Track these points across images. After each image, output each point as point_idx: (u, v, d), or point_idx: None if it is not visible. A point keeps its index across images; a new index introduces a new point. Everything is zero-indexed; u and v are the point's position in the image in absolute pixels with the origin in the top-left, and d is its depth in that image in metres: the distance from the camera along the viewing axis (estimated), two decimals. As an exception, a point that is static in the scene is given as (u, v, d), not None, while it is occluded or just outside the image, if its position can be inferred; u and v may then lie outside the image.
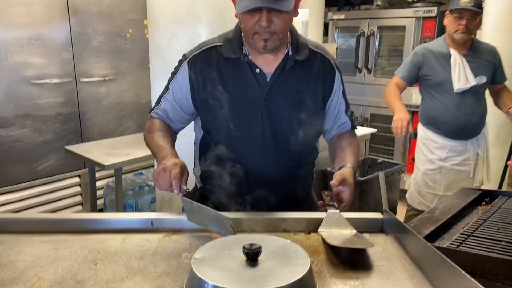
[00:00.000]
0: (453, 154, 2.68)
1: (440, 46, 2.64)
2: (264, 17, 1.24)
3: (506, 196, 1.67)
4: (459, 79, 2.54)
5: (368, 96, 4.52)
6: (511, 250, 1.19)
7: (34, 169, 3.43)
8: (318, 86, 1.43)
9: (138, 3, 3.83)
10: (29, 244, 1.13)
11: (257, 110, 1.38)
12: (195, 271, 0.84)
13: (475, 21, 2.51)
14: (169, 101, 1.47)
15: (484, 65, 2.61)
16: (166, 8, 2.13)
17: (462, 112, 2.60)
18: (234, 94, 1.38)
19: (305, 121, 1.42)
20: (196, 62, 1.41)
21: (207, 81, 1.39)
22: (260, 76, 1.38)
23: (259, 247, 0.88)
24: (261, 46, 1.31)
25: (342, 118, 1.53)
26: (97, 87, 3.72)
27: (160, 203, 2.45)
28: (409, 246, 1.11)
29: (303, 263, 0.88)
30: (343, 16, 4.70)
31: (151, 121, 1.49)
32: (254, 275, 0.85)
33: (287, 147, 1.42)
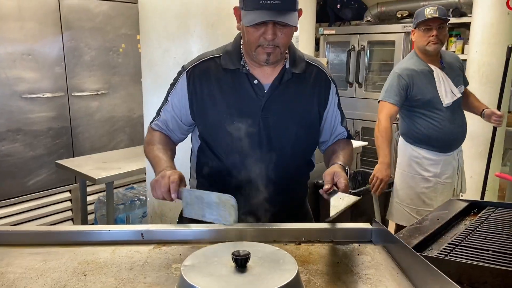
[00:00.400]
0: (445, 168, 2.67)
1: (419, 64, 2.60)
2: (269, 30, 1.29)
3: (493, 207, 1.69)
4: (446, 94, 2.55)
5: (360, 110, 4.58)
6: (498, 259, 1.21)
7: (25, 184, 3.41)
8: (314, 98, 1.48)
9: (131, 19, 3.87)
10: (19, 256, 1.13)
11: (254, 120, 1.40)
12: (185, 277, 0.86)
13: (444, 31, 2.54)
14: (168, 112, 1.50)
15: (458, 74, 2.66)
16: (158, 23, 2.16)
17: (456, 125, 2.62)
18: (232, 104, 1.41)
19: (301, 132, 1.46)
20: (194, 73, 1.44)
21: (205, 91, 1.42)
22: (258, 87, 1.41)
23: (248, 253, 0.90)
24: (263, 59, 1.35)
25: (338, 129, 1.57)
26: (89, 101, 3.73)
27: (152, 217, 2.44)
28: (398, 255, 1.13)
29: (290, 268, 0.90)
30: (334, 32, 4.78)
31: (152, 133, 1.52)
32: (243, 280, 0.86)
33: (283, 158, 1.44)
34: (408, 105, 2.63)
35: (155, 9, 2.16)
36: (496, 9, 3.61)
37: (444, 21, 2.52)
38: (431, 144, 2.64)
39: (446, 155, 2.66)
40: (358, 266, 1.08)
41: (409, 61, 2.67)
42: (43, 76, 3.43)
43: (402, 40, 4.20)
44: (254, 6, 1.26)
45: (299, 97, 1.45)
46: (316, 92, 1.48)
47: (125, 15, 3.87)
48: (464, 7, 4.26)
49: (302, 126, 1.45)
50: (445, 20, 2.53)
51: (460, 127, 2.65)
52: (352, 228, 1.28)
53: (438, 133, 2.60)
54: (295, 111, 1.44)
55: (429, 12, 2.49)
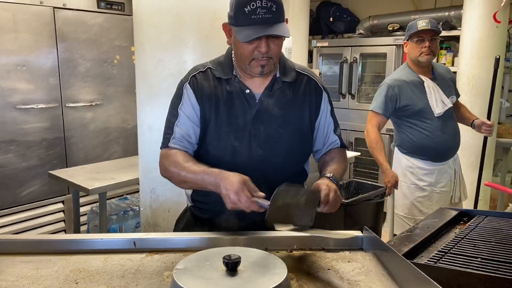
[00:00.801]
0: (440, 177, 2.70)
1: (410, 75, 2.65)
2: (263, 43, 1.31)
3: (483, 215, 1.72)
4: (437, 104, 2.60)
5: (352, 121, 4.62)
6: (487, 266, 1.23)
7: (18, 195, 3.39)
8: (305, 106, 1.49)
9: (126, 31, 3.90)
10: (11, 264, 1.13)
11: (245, 129, 1.42)
12: (177, 280, 0.87)
13: (436, 43, 2.60)
14: (184, 125, 1.44)
15: (449, 84, 2.71)
16: (152, 34, 2.18)
17: (449, 134, 2.65)
18: (226, 113, 1.42)
19: (293, 140, 1.47)
20: (195, 82, 1.45)
21: (206, 98, 1.44)
22: (250, 96, 1.43)
23: (238, 257, 0.92)
24: (258, 72, 1.37)
25: (331, 137, 1.58)
26: (83, 112, 3.74)
27: (145, 227, 2.44)
28: (388, 262, 1.14)
29: (280, 272, 0.92)
30: (327, 44, 4.84)
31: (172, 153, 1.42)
32: (233, 283, 0.88)
33: (276, 166, 1.45)
34: (400, 115, 2.68)
35: (149, 21, 2.19)
36: (484, 23, 3.69)
37: (436, 33, 2.58)
38: (424, 153, 2.67)
39: (440, 165, 2.68)
40: (348, 273, 1.10)
41: (401, 72, 2.73)
42: (37, 87, 3.44)
43: (393, 53, 4.26)
44: (247, 22, 1.28)
45: (290, 105, 1.46)
46: (307, 100, 1.49)
47: (120, 27, 3.91)
48: (454, 21, 4.35)
49: (293, 134, 1.46)
50: (437, 32, 2.58)
51: (453, 136, 2.68)
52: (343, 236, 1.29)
53: (430, 142, 2.64)
54: (286, 120, 1.45)
55: (421, 24, 2.55)
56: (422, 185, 2.71)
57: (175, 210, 2.17)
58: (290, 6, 4.85)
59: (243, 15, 1.29)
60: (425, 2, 5.05)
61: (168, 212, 2.28)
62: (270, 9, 1.28)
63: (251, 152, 1.42)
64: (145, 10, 2.20)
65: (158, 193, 2.29)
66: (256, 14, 1.27)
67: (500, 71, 3.88)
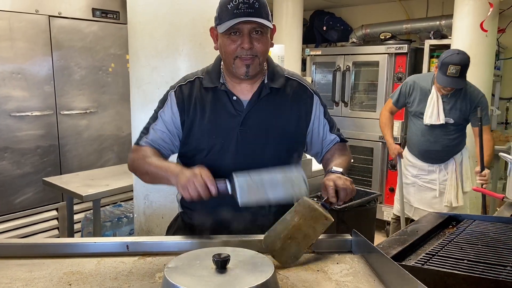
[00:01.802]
0: (422, 173, 3.10)
1: (426, 82, 2.97)
2: (246, 38, 1.34)
3: (470, 219, 1.75)
4: (431, 115, 2.89)
5: (346, 128, 4.66)
6: (473, 268, 1.25)
7: (11, 202, 3.39)
8: (294, 112, 1.50)
9: (121, 39, 3.94)
10: (5, 267, 1.15)
11: (232, 135, 1.43)
12: (168, 278, 0.91)
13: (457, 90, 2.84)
14: (159, 130, 1.48)
15: (457, 108, 2.89)
16: (147, 42, 2.22)
17: (425, 139, 2.98)
18: (212, 120, 1.44)
19: (281, 146, 1.48)
20: (181, 91, 1.49)
21: (191, 110, 1.46)
22: (237, 103, 1.45)
23: (228, 255, 0.95)
24: (243, 72, 1.39)
25: (329, 137, 1.59)
26: (77, 120, 3.76)
27: (139, 234, 2.45)
28: (375, 264, 1.17)
29: (267, 270, 0.95)
30: (320, 52, 4.89)
31: (142, 149, 1.48)
32: (222, 280, 0.92)
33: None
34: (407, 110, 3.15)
35: (144, 28, 2.22)
36: (474, 32, 3.75)
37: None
38: (411, 147, 3.16)
39: (423, 163, 3.08)
40: (336, 274, 1.12)
41: (423, 76, 3.17)
42: (32, 95, 3.45)
43: (385, 61, 4.32)
44: (229, 17, 1.33)
45: (278, 111, 1.48)
46: (297, 106, 1.50)
47: (114, 35, 3.94)
48: (445, 29, 4.42)
49: (282, 140, 1.47)
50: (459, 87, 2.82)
51: (431, 143, 2.99)
52: (333, 239, 1.32)
53: (417, 142, 3.07)
54: (274, 126, 1.46)
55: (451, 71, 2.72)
56: (406, 173, 3.20)
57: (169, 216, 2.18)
58: (283, 14, 4.92)
59: (226, 11, 1.33)
60: (417, 12, 5.14)
61: (162, 218, 2.30)
62: (253, 5, 1.32)
63: (237, 159, 1.43)
64: (140, 18, 2.23)
65: (152, 200, 2.31)
66: (238, 9, 1.32)
67: (490, 79, 3.95)
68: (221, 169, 1.43)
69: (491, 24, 3.75)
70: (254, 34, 1.35)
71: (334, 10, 5.80)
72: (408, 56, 4.21)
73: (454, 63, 2.70)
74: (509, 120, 4.96)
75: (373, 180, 4.54)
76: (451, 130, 2.95)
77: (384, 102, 4.33)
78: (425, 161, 3.07)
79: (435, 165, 3.04)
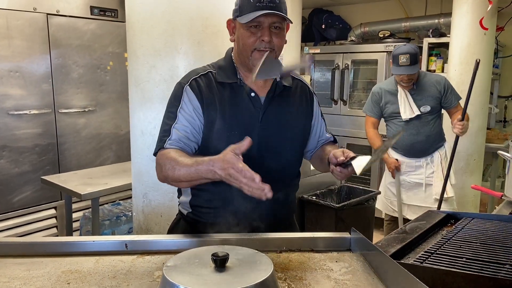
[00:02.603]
0: (409, 169, 3.21)
1: (390, 85, 3.19)
2: (266, 31, 1.37)
3: (469, 217, 1.75)
4: (405, 111, 3.08)
5: (344, 126, 4.66)
6: (471, 266, 1.25)
7: (10, 201, 3.39)
8: (301, 110, 1.56)
9: (119, 37, 3.93)
10: (3, 266, 1.14)
11: (254, 132, 1.42)
12: (166, 276, 0.91)
13: (414, 74, 2.99)
14: (182, 128, 1.41)
15: (427, 95, 3.08)
16: (145, 40, 2.21)
17: (408, 133, 3.12)
18: (232, 117, 1.43)
19: (294, 142, 1.54)
20: (197, 84, 1.44)
21: (209, 101, 1.42)
22: (255, 99, 1.46)
23: (226, 254, 0.96)
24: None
25: (324, 136, 1.66)
26: (76, 118, 3.75)
27: (137, 233, 2.45)
28: (374, 262, 1.17)
29: (266, 268, 0.95)
30: (319, 51, 4.89)
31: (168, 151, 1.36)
32: (221, 278, 0.92)
33: (279, 166, 1.48)
34: (384, 114, 3.25)
35: (142, 27, 2.21)
36: (472, 30, 3.76)
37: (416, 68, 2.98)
38: (395, 146, 3.24)
39: (410, 159, 3.19)
40: (335, 272, 1.12)
41: (385, 81, 3.34)
42: (30, 93, 3.44)
43: (384, 59, 4.32)
44: (251, 9, 1.35)
45: (290, 109, 1.52)
46: (303, 104, 1.57)
47: (113, 33, 3.93)
48: (444, 28, 4.42)
49: (296, 136, 1.53)
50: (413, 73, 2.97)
51: (414, 135, 3.12)
52: (331, 237, 1.32)
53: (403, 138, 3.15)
54: (288, 122, 1.51)
55: (402, 61, 2.93)
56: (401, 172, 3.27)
57: (168, 215, 2.19)
58: (282, 13, 4.91)
59: (248, 3, 1.36)
60: (416, 10, 5.14)
61: (161, 217, 2.30)
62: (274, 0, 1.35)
63: (260, 154, 1.43)
64: (138, 16, 2.23)
65: (151, 198, 2.31)
66: (260, 2, 1.35)
67: (489, 77, 3.95)
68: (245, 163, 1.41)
69: (490, 22, 3.76)
70: (273, 29, 1.38)
71: (333, 8, 5.79)
72: (407, 55, 4.20)
73: (403, 52, 2.93)
74: (508, 118, 4.97)
75: (371, 178, 4.55)
76: (429, 120, 3.11)
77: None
78: (411, 157, 3.18)
79: (421, 159, 3.16)
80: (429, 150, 3.17)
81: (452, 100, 3.11)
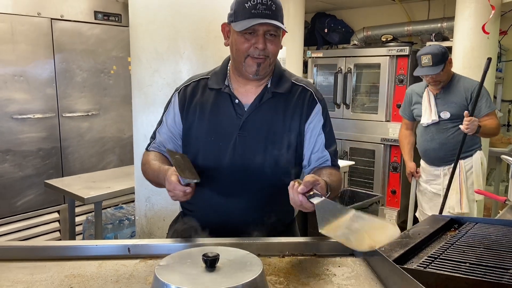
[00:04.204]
0: (430, 178, 3.10)
1: (420, 87, 3.10)
2: (261, 39, 1.35)
3: (472, 222, 1.74)
4: (424, 114, 2.98)
5: (348, 130, 4.66)
6: (475, 271, 1.25)
7: (13, 205, 3.40)
8: (295, 118, 1.45)
9: (123, 42, 3.95)
10: (6, 270, 1.15)
11: (230, 139, 1.42)
12: (157, 275, 0.93)
13: (439, 75, 2.85)
14: (164, 133, 1.52)
15: (451, 101, 2.92)
16: (148, 44, 2.22)
17: (424, 139, 3.04)
18: (212, 122, 1.44)
19: (281, 152, 1.43)
20: (185, 92, 1.50)
21: (191, 110, 1.47)
22: (239, 106, 1.45)
23: (217, 254, 0.98)
24: (253, 71, 1.39)
25: (321, 152, 1.48)
26: (79, 122, 3.76)
27: (140, 236, 2.45)
28: (377, 267, 1.16)
29: (255, 269, 0.97)
30: (322, 54, 4.90)
31: (147, 154, 1.53)
32: (210, 278, 0.95)
33: (263, 178, 1.43)
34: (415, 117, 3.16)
35: (146, 31, 2.23)
36: (475, 34, 3.75)
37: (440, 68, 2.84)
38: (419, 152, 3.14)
39: (431, 167, 3.08)
40: (338, 277, 1.12)
41: (420, 83, 3.19)
42: (34, 97, 3.46)
43: (387, 63, 4.32)
44: (246, 15, 1.33)
45: (279, 117, 1.44)
46: (298, 111, 1.46)
47: (116, 38, 3.95)
48: (447, 32, 4.42)
49: (281, 146, 1.43)
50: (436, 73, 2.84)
51: (428, 142, 3.01)
52: (334, 242, 1.32)
53: (419, 145, 3.11)
54: (274, 131, 1.43)
55: (424, 61, 2.84)
56: (420, 180, 3.20)
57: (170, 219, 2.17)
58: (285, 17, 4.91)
59: (243, 10, 1.34)
60: (418, 14, 5.14)
61: (163, 221, 2.30)
62: (270, 7, 1.34)
63: (234, 162, 1.42)
64: (141, 21, 2.24)
65: (153, 202, 2.31)
66: (256, 9, 1.33)
67: (492, 81, 3.94)
68: (218, 171, 1.43)
69: (493, 27, 3.75)
70: (268, 36, 1.36)
71: (336, 13, 5.80)
72: (410, 58, 4.20)
73: (425, 52, 2.86)
74: (511, 122, 4.96)
75: (374, 182, 4.54)
76: (448, 127, 2.93)
77: (386, 104, 4.34)
78: (430, 164, 3.08)
79: (439, 167, 3.02)
80: (445, 159, 2.96)
81: (481, 109, 2.85)
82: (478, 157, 2.98)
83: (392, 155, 4.41)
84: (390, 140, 4.32)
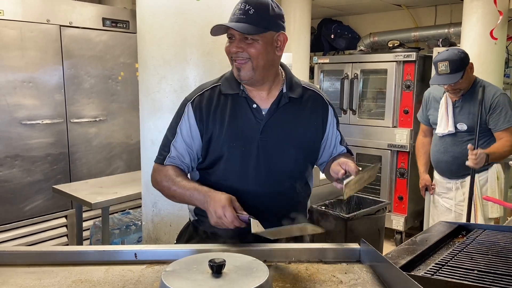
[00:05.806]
0: (443, 191, 2.90)
1: (439, 91, 2.80)
2: (235, 42, 1.40)
3: (480, 229, 1.73)
4: (440, 124, 2.73)
5: (354, 136, 4.65)
6: (483, 278, 1.24)
7: (21, 210, 3.42)
8: (311, 121, 1.53)
9: (130, 48, 3.98)
10: (14, 275, 1.16)
11: (253, 143, 1.44)
12: (164, 281, 0.94)
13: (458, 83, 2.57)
14: (180, 145, 1.48)
15: (470, 111, 2.64)
16: (155, 51, 2.24)
17: (436, 149, 2.83)
18: (233, 128, 1.45)
19: (299, 154, 1.51)
20: (200, 102, 1.48)
21: (210, 119, 1.46)
22: (257, 111, 1.47)
23: (223, 260, 0.98)
24: (237, 75, 1.43)
25: (339, 149, 1.63)
26: (87, 128, 3.79)
27: (147, 242, 2.46)
28: (384, 274, 1.16)
29: (261, 275, 0.97)
30: (328, 60, 4.90)
31: (166, 169, 1.48)
32: (216, 284, 0.94)
33: (280, 178, 1.48)
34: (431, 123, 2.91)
35: (153, 38, 2.25)
36: (483, 39, 3.74)
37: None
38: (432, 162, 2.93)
39: (443, 179, 2.87)
40: (345, 284, 1.11)
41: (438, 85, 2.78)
42: (43, 103, 3.50)
43: (394, 69, 4.31)
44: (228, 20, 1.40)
45: (296, 120, 1.50)
46: (314, 116, 1.53)
47: (124, 44, 3.99)
48: (454, 37, 4.41)
49: (300, 148, 1.50)
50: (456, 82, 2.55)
51: (441, 153, 2.79)
52: (341, 248, 1.32)
53: (432, 154, 2.88)
54: (292, 134, 1.48)
55: (441, 69, 2.56)
56: (436, 191, 2.98)
57: (177, 224, 2.20)
58: (291, 23, 4.95)
59: (231, 14, 1.41)
60: (425, 19, 5.14)
61: (170, 226, 2.31)
62: (247, 11, 1.36)
63: (259, 165, 1.45)
64: (149, 28, 2.26)
65: (160, 207, 2.32)
66: (234, 14, 1.39)
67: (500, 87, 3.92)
68: (242, 176, 1.45)
69: (500, 32, 3.74)
70: (249, 40, 1.38)
71: (342, 18, 5.81)
72: (417, 64, 4.19)
73: (441, 59, 2.57)
74: (520, 128, 4.91)
75: (381, 188, 4.51)
76: (464, 140, 2.66)
77: (392, 110, 4.33)
78: (442, 176, 2.87)
79: (452, 181, 2.80)
80: (458, 173, 2.73)
81: (498, 122, 2.59)
82: (494, 171, 2.74)
83: (399, 161, 4.39)
84: (397, 146, 4.30)
